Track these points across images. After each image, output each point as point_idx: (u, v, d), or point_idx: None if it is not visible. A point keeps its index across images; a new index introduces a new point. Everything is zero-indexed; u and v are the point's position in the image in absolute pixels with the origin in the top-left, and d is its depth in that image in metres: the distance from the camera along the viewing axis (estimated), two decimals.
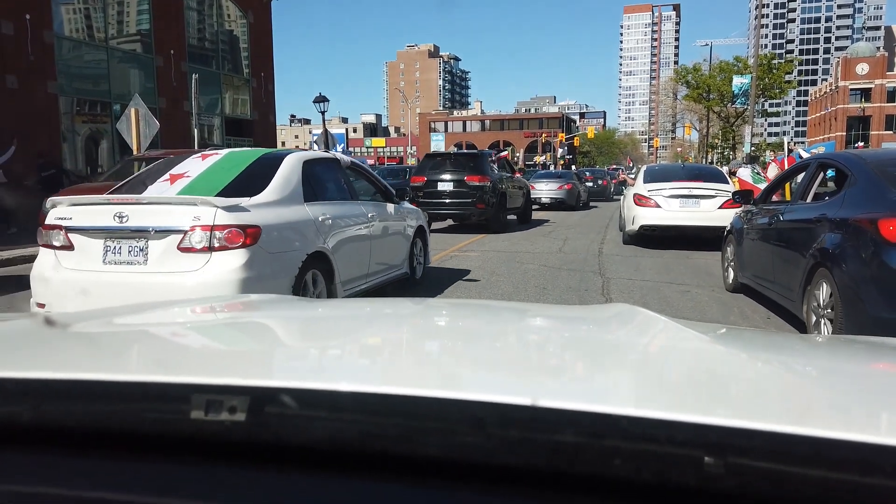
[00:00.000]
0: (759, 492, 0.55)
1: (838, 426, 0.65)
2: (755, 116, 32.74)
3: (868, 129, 74.13)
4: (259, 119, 24.34)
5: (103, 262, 4.23)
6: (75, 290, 4.18)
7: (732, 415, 0.64)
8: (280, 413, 0.65)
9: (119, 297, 3.92)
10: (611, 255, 9.79)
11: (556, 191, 21.15)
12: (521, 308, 2.25)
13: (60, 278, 4.27)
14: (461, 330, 1.41)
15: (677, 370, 1.01)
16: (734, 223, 7.29)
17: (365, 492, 0.61)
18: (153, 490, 0.62)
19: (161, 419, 0.68)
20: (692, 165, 16.29)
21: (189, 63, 20.59)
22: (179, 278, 4.08)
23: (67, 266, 4.30)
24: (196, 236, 4.09)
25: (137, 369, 0.90)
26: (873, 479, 0.54)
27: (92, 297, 4.08)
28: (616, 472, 0.58)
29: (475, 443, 0.61)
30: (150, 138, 13.16)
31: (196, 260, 4.11)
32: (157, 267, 4.14)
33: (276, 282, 4.31)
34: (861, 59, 76.69)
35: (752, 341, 1.39)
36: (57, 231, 4.33)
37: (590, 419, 0.61)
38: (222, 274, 4.08)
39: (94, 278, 4.20)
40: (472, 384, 0.87)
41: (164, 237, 4.14)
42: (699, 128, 58.20)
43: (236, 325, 1.40)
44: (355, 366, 1.03)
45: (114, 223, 4.18)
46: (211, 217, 4.10)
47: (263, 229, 4.29)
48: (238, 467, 0.63)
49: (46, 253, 4.41)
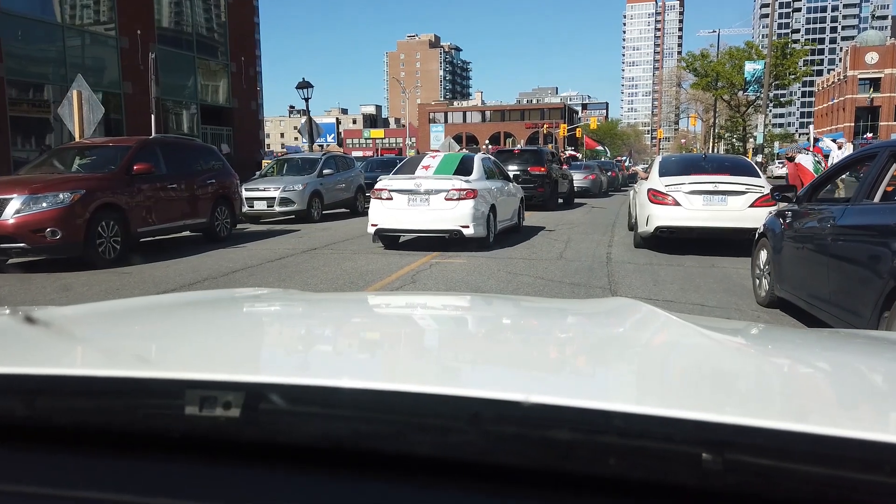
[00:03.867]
0: (757, 489, 0.55)
1: (838, 423, 0.65)
2: (768, 105, 30.96)
3: (877, 120, 72.36)
4: (239, 107, 22.68)
5: (407, 206, 9.21)
6: (391, 219, 9.25)
7: (730, 411, 0.65)
8: (275, 409, 0.65)
9: (409, 220, 9.22)
10: (622, 263, 8.21)
11: (583, 180, 23.96)
12: (518, 301, 2.29)
13: (383, 210, 9.26)
14: (455, 324, 1.43)
15: (677, 366, 1.00)
16: (769, 225, 5.91)
17: (358, 488, 0.61)
18: (146, 487, 0.62)
19: (155, 415, 0.68)
20: (716, 156, 14.38)
21: (159, 45, 18.95)
22: (444, 213, 9.04)
23: (385, 207, 9.27)
24: (453, 193, 9.02)
25: (131, 365, 0.85)
26: (872, 476, 0.54)
27: (400, 220, 9.23)
28: (612, 470, 0.57)
29: (467, 439, 0.61)
30: (95, 124, 11.60)
31: (452, 204, 9.02)
32: (436, 206, 9.05)
33: (481, 215, 9.19)
34: (870, 47, 74.79)
35: (753, 336, 1.38)
36: (382, 191, 9.30)
37: (584, 416, 0.61)
38: (464, 210, 9.00)
39: (402, 215, 9.20)
40: (464, 380, 0.87)
41: (434, 194, 9.10)
42: (705, 118, 56.40)
43: (231, 321, 1.34)
44: (350, 361, 1.01)
45: (413, 187, 9.20)
46: (455, 184, 9.17)
47: (478, 191, 9.21)
48: (232, 464, 0.64)
49: (376, 201, 9.37)
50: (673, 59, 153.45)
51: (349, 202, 16.43)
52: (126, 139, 10.69)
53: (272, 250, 9.63)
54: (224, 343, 1.08)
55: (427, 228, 9.26)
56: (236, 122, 22.43)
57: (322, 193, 14.96)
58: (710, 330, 1.22)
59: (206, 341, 1.10)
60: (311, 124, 21.37)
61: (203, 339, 1.11)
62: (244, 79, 22.82)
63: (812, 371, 1.04)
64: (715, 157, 11.88)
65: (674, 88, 70.96)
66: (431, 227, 9.18)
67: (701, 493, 0.56)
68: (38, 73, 16.13)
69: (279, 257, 8.94)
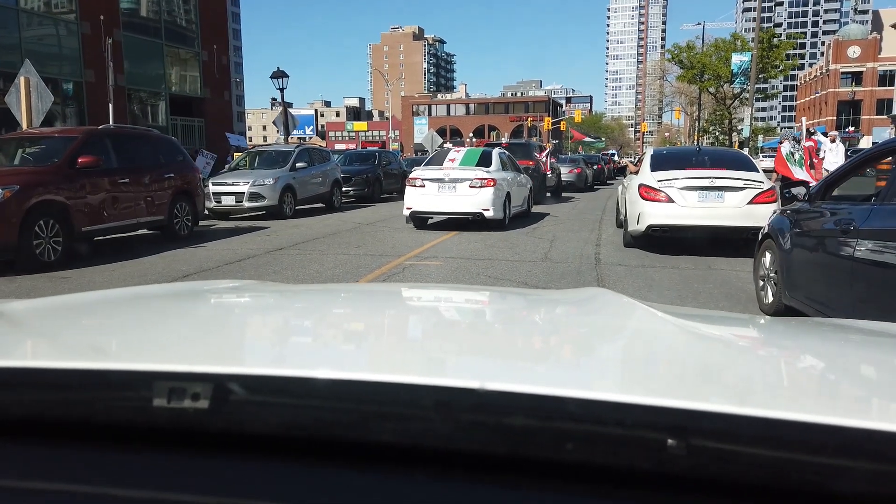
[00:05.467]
0: (720, 473, 0.56)
1: (798, 408, 0.65)
2: (759, 96, 30.44)
3: (859, 114, 72.61)
4: (211, 97, 21.73)
5: (437, 192, 10.77)
6: (423, 203, 10.84)
7: (692, 396, 0.66)
8: (244, 399, 0.65)
9: (439, 204, 10.86)
10: (612, 265, 7.57)
11: (568, 174, 23.57)
12: (488, 291, 2.31)
13: (417, 196, 10.86)
14: (421, 314, 1.41)
15: (642, 352, 1.00)
16: (775, 225, 5.28)
17: (327, 478, 0.61)
18: (114, 480, 0.61)
19: (123, 407, 0.68)
20: (711, 149, 13.73)
21: (124, 32, 18.01)
22: (469, 198, 10.60)
23: (419, 193, 10.85)
24: (476, 182, 10.56)
25: (98, 357, 0.86)
26: (820, 458, 0.55)
27: (431, 204, 10.84)
28: (571, 456, 0.58)
29: (428, 427, 0.61)
30: (44, 112, 10.73)
31: (475, 191, 10.60)
32: (461, 192, 10.69)
33: (499, 201, 10.67)
34: (853, 41, 74.87)
35: (725, 325, 1.36)
36: (416, 179, 10.92)
37: (539, 402, 0.61)
38: (486, 195, 10.56)
39: (433, 200, 10.77)
40: (424, 368, 0.86)
41: (460, 183, 10.69)
42: (689, 111, 56.08)
43: (200, 312, 1.33)
44: (316, 351, 1.00)
45: (442, 177, 10.78)
46: (478, 174, 10.77)
47: (497, 181, 10.75)
48: (202, 455, 0.63)
49: (411, 188, 10.94)
50: (657, 52, 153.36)
51: (325, 197, 15.66)
52: (72, 129, 9.85)
53: (234, 250, 8.87)
54: (193, 334, 1.06)
55: (454, 211, 10.90)
56: (208, 112, 21.49)
57: (295, 188, 14.18)
58: (679, 317, 1.22)
59: (174, 332, 1.07)
60: (287, 115, 20.50)
61: (171, 330, 1.09)
62: (217, 68, 21.86)
63: (779, 356, 1.05)
64: (710, 150, 11.30)
65: (658, 82, 70.55)
66: (458, 209, 10.85)
67: (669, 478, 0.56)
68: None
69: (239, 258, 8.20)
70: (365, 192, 18.48)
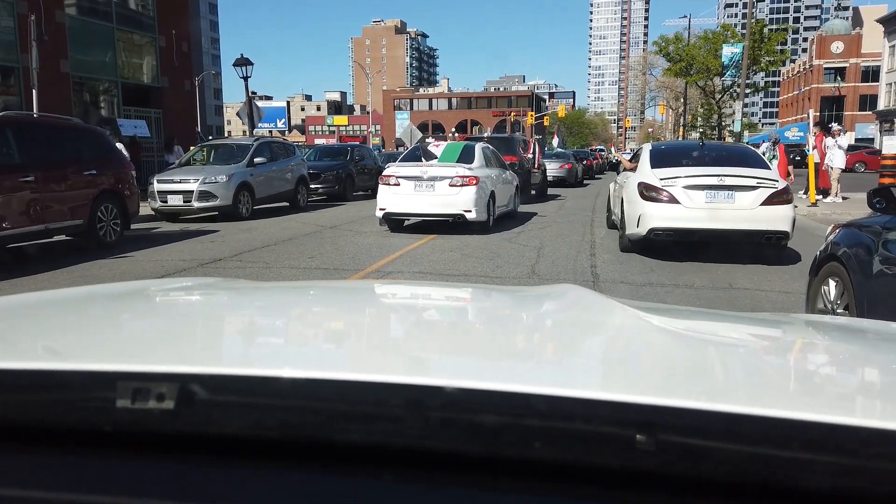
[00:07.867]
0: (691, 470, 0.56)
1: (765, 403, 0.65)
2: (746, 91, 29.37)
3: (842, 110, 72.18)
4: (170, 87, 20.11)
5: (414, 191, 9.61)
6: (398, 203, 9.66)
7: (661, 392, 0.65)
8: (210, 400, 0.63)
9: (415, 205, 9.64)
10: (613, 283, 6.26)
11: (559, 170, 23.10)
12: (456, 288, 2.23)
13: (391, 196, 9.71)
14: (390, 312, 1.37)
15: (610, 349, 1.00)
16: (845, 243, 3.88)
17: (297, 479, 0.60)
18: (76, 485, 0.59)
19: (84, 409, 0.65)
20: (716, 144, 12.44)
21: (69, 13, 16.38)
22: (448, 198, 9.44)
23: (392, 192, 9.70)
24: (457, 180, 9.46)
25: (58, 357, 0.83)
26: (787, 453, 0.55)
27: (406, 204, 9.66)
28: (540, 454, 0.57)
29: (395, 427, 0.60)
30: None
31: (455, 189, 9.45)
32: (440, 191, 9.50)
33: (482, 201, 9.62)
34: (836, 37, 74.46)
35: (696, 320, 1.34)
36: (390, 177, 9.75)
37: (505, 399, 0.60)
38: (467, 195, 9.46)
39: (409, 200, 9.64)
40: (391, 367, 0.84)
41: (439, 181, 9.52)
42: (675, 106, 55.13)
43: (162, 311, 1.30)
44: (285, 350, 0.98)
45: (419, 174, 9.63)
46: (459, 171, 9.59)
47: (480, 179, 9.67)
48: (169, 458, 0.62)
49: (384, 187, 9.76)
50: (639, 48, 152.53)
51: (288, 195, 14.21)
52: None
53: (162, 263, 7.44)
54: (158, 333, 1.02)
55: (432, 212, 9.69)
56: (166, 103, 19.88)
57: (252, 186, 12.72)
58: (650, 313, 1.23)
59: (138, 331, 1.04)
60: (252, 106, 18.96)
61: (135, 330, 1.05)
62: (176, 55, 20.21)
63: (749, 353, 1.05)
64: (714, 145, 10.03)
65: (641, 77, 69.51)
66: (436, 211, 9.65)
67: (640, 475, 0.56)
68: None
69: (166, 272, 6.79)
70: (336, 189, 17.04)
